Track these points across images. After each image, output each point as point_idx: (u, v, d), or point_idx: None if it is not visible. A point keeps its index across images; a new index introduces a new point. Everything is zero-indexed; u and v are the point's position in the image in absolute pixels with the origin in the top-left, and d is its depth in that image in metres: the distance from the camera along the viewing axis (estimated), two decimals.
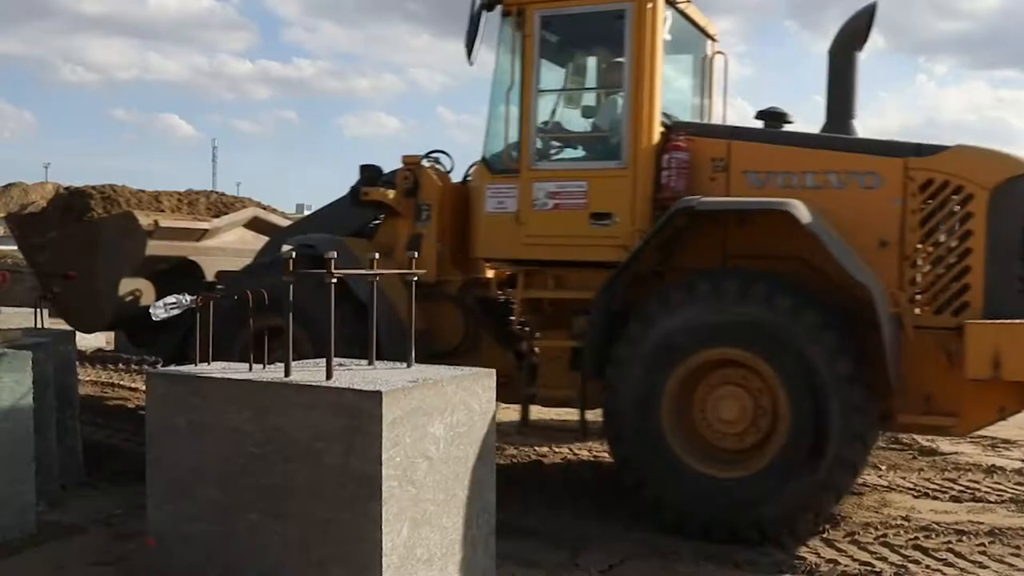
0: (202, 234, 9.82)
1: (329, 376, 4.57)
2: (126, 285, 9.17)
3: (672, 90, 8.41)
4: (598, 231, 7.41)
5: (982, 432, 10.09)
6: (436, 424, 4.61)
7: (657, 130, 7.50)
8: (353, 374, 4.80)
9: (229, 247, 10.15)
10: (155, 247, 9.19)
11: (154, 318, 5.08)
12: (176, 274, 9.32)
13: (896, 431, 7.08)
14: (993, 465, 8.81)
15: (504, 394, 6.83)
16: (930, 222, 6.85)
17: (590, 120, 8.17)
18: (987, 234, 6.69)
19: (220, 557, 4.70)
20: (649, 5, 7.41)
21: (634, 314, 6.87)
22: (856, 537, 6.62)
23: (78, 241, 9.39)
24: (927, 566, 6.08)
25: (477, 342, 8.04)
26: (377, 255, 5.32)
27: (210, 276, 9.35)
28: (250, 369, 4.91)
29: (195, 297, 5.19)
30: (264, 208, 11.05)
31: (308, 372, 4.77)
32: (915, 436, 10.02)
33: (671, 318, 6.69)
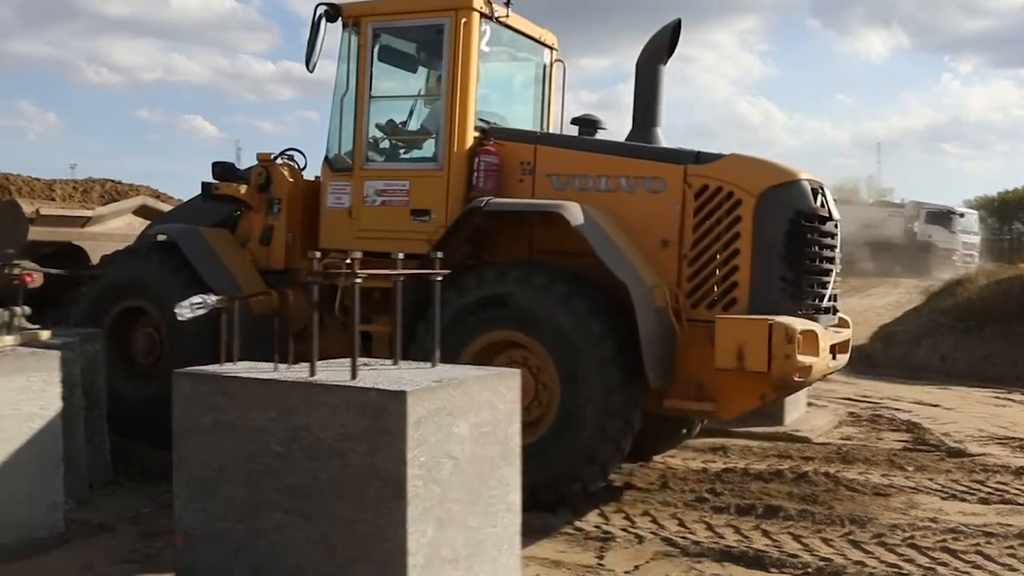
0: (85, 221, 10.64)
1: (354, 376, 4.59)
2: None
3: (514, 97, 9.64)
4: (417, 226, 8.06)
5: (1011, 434, 10.08)
6: (461, 424, 4.61)
7: (471, 135, 8.14)
8: (378, 374, 4.81)
9: (116, 233, 10.84)
10: (37, 232, 10.01)
11: (179, 318, 5.13)
12: (63, 257, 9.93)
13: (666, 412, 7.50)
14: (1022, 467, 8.72)
15: None
16: (704, 225, 7.36)
17: (416, 125, 8.82)
18: (753, 237, 7.21)
19: (246, 556, 4.72)
20: (464, 20, 8.02)
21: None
22: (883, 539, 6.57)
23: None
24: (955, 568, 6.02)
25: (321, 326, 8.16)
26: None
27: (95, 260, 9.94)
28: (275, 369, 4.93)
29: (220, 298, 5.24)
30: (158, 197, 12.08)
31: (333, 372, 4.78)
32: (942, 438, 9.96)
33: (460, 304, 7.41)
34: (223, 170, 9.24)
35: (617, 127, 8.98)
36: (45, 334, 6.96)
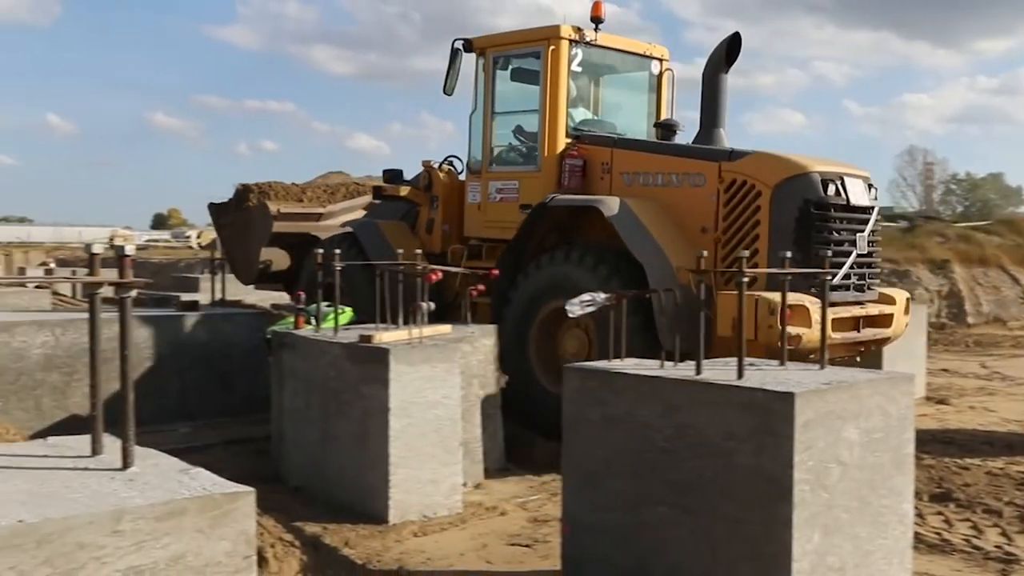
0: (319, 216, 12.99)
1: (740, 375, 4.56)
2: (265, 253, 12.46)
3: (626, 106, 11.40)
4: (524, 218, 9.70)
5: None
6: (850, 428, 4.45)
7: (561, 142, 9.87)
8: (764, 374, 4.75)
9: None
10: (280, 227, 12.47)
11: (570, 315, 5.34)
12: (307, 245, 11.84)
13: None
14: None
15: None
16: (733, 213, 8.59)
17: (528, 135, 10.33)
18: (770, 223, 8.38)
19: (629, 547, 4.83)
20: (552, 48, 9.82)
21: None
22: None
23: (240, 223, 13.04)
24: None
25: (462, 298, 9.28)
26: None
27: None
28: (661, 366, 5.00)
29: (608, 296, 5.39)
30: None
31: (719, 371, 4.78)
32: None
33: (535, 278, 9.25)
34: (391, 175, 11.50)
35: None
36: (446, 328, 7.47)
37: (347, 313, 7.92)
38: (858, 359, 8.84)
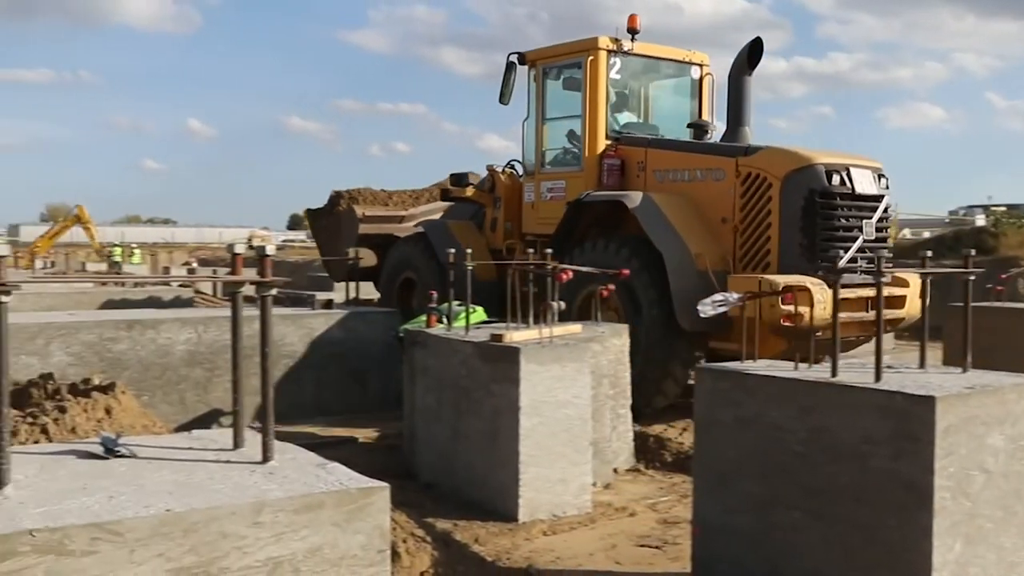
0: (400, 219, 14.54)
1: (878, 378, 4.44)
2: (352, 252, 13.76)
3: (668, 108, 12.38)
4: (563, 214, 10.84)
5: None
6: (995, 435, 4.29)
7: (601, 144, 11.03)
8: (903, 376, 4.62)
9: None
10: (366, 229, 14.14)
11: (702, 315, 5.30)
12: (390, 245, 13.67)
13: (707, 351, 9.36)
14: None
15: None
16: (748, 204, 9.56)
17: (579, 138, 11.33)
18: (780, 211, 9.29)
19: (761, 551, 4.75)
20: (591, 58, 11.01)
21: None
22: None
23: (331, 226, 14.92)
24: None
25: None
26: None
27: None
28: (795, 367, 4.91)
29: (741, 296, 5.32)
30: None
31: (855, 373, 4.66)
32: None
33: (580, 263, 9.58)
34: (456, 178, 12.80)
35: None
36: (576, 327, 7.48)
37: (478, 312, 8.00)
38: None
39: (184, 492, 2.97)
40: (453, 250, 7.80)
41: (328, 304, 10.53)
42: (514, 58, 11.75)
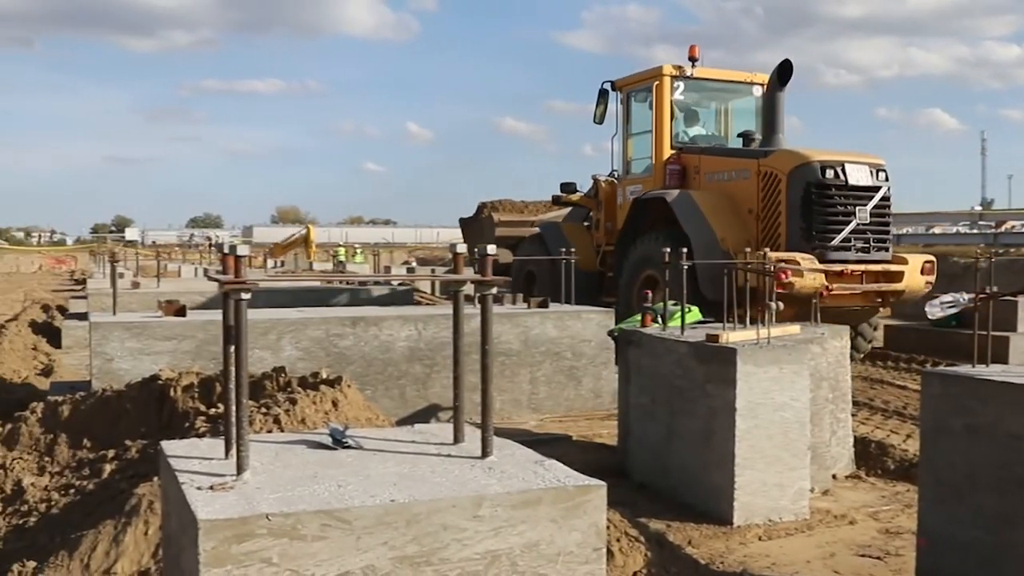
0: (530, 224, 17.54)
1: None
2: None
3: (733, 123, 15.11)
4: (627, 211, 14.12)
5: None
6: None
7: (666, 152, 13.93)
8: None
9: None
10: (501, 232, 17.40)
11: (930, 316, 5.10)
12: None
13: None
14: None
15: None
16: (765, 198, 12.19)
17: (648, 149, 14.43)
18: (786, 201, 11.93)
19: (994, 569, 4.51)
20: (657, 83, 14.01)
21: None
22: None
23: (476, 230, 18.18)
24: None
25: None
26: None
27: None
28: None
29: (972, 296, 5.08)
30: None
31: None
32: None
33: (637, 252, 13.38)
34: (565, 186, 15.77)
35: None
36: (794, 328, 7.30)
37: (694, 312, 7.92)
38: (881, 309, 12.70)
39: (408, 484, 3.07)
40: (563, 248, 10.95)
41: (544, 303, 10.65)
42: (607, 85, 14.93)
